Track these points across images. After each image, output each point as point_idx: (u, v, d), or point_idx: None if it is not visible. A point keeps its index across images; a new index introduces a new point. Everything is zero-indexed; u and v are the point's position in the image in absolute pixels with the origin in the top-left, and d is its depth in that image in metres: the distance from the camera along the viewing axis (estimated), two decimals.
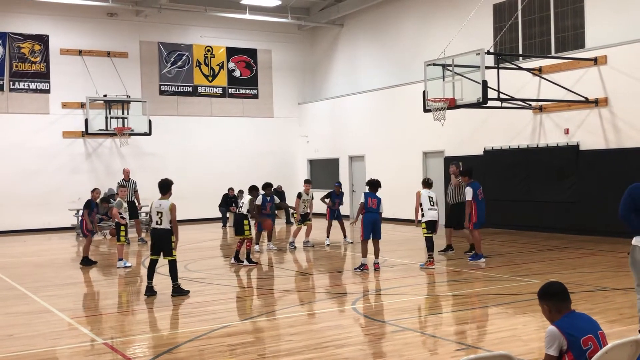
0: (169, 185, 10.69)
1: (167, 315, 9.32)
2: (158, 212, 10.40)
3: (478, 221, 13.43)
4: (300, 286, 11.42)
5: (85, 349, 7.63)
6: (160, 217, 10.39)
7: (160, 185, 10.71)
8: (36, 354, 7.33)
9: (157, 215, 10.41)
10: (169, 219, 10.37)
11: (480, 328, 7.90)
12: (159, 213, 10.39)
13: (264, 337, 7.89)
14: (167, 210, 10.35)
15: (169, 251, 10.46)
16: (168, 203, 10.43)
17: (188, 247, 17.37)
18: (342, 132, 25.92)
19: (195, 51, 26.23)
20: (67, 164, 23.64)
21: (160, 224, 10.41)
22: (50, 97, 23.68)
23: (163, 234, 10.41)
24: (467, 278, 11.71)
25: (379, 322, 8.40)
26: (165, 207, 10.38)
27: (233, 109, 26.89)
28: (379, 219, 12.55)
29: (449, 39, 16.64)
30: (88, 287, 12.34)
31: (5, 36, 23.02)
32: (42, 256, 16.82)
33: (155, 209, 10.46)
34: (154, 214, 10.51)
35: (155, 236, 10.64)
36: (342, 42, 26.90)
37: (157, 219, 10.42)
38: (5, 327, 8.81)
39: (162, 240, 10.43)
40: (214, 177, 24.92)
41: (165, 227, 10.38)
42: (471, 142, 19.98)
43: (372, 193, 12.59)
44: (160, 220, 10.39)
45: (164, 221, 10.38)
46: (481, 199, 13.62)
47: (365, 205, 12.45)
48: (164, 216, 10.37)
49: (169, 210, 10.35)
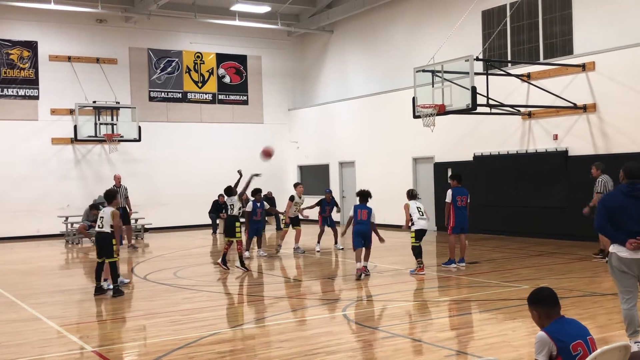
0: (114, 194, 11.71)
1: (157, 323, 9.27)
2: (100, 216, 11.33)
3: (456, 226, 13.40)
4: (290, 293, 11.40)
5: (74, 357, 7.58)
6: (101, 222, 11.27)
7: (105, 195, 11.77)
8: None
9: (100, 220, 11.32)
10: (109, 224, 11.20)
11: (470, 334, 7.92)
12: (101, 218, 11.30)
13: (254, 344, 7.86)
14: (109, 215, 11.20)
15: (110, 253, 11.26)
16: (109, 210, 11.28)
17: (178, 253, 17.32)
18: (332, 138, 25.94)
19: (184, 57, 26.20)
20: (56, 171, 23.53)
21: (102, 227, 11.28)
22: (39, 103, 23.58)
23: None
24: (457, 284, 11.73)
25: (370, 329, 8.40)
26: (107, 213, 11.24)
27: (223, 115, 26.85)
28: (368, 230, 12.39)
29: (438, 46, 16.71)
30: (77, 295, 12.25)
31: None
32: (30, 263, 16.72)
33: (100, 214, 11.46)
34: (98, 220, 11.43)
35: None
36: (331, 49, 26.96)
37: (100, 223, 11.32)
38: None
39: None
40: (204, 183, 24.85)
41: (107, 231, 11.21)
42: (461, 148, 20.05)
43: (362, 204, 12.54)
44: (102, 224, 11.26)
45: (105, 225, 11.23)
46: (461, 206, 13.64)
47: (355, 217, 12.40)
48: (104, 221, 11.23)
49: (110, 216, 11.19)
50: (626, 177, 6.68)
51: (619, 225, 6.55)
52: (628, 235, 6.48)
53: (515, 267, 13.32)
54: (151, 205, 23.70)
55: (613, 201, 6.68)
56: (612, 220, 6.60)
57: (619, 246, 6.57)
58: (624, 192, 6.62)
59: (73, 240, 20.68)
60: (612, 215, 6.60)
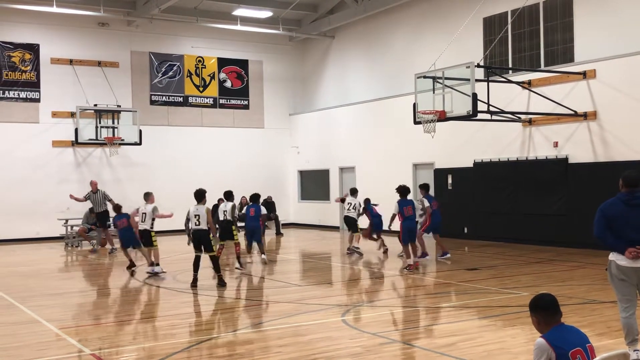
0: (203, 193, 12.60)
1: (156, 326, 9.27)
2: (195, 215, 12.25)
3: (431, 226, 14.72)
4: (289, 297, 11.39)
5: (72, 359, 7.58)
6: (198, 220, 12.21)
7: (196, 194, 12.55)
8: None
9: (195, 218, 12.24)
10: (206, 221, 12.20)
11: (469, 340, 7.91)
12: (196, 216, 12.23)
13: (253, 349, 7.86)
14: (204, 213, 12.19)
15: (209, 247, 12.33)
16: (204, 208, 12.28)
17: (177, 257, 17.30)
18: (332, 143, 25.96)
19: (186, 61, 26.24)
20: (56, 174, 23.53)
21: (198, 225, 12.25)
22: (41, 106, 23.60)
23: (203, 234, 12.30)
24: (456, 290, 11.72)
25: (369, 334, 8.39)
26: (202, 211, 12.22)
27: (224, 120, 26.88)
28: (414, 226, 13.41)
29: (439, 52, 16.73)
30: (76, 298, 12.25)
31: None
32: (30, 266, 16.71)
33: (193, 212, 12.33)
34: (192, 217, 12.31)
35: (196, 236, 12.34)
36: (333, 54, 27.00)
37: (196, 221, 12.23)
38: None
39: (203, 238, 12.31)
40: (204, 187, 24.79)
41: (204, 228, 12.23)
42: (461, 155, 20.06)
43: (405, 200, 13.00)
44: (198, 222, 12.21)
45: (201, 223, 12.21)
46: (436, 209, 15.08)
47: (402, 213, 13.08)
48: (201, 219, 12.18)
49: (205, 213, 12.19)
50: (625, 186, 6.69)
51: (619, 234, 6.56)
52: (628, 243, 6.49)
53: (515, 274, 13.31)
54: None
55: (613, 210, 6.67)
56: (611, 228, 6.60)
57: (618, 254, 6.58)
58: (624, 201, 6.63)
59: (73, 243, 20.68)
60: (612, 223, 6.60)
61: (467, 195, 19.88)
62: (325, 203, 26.04)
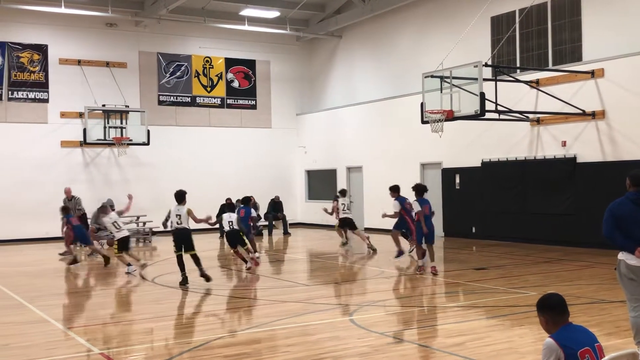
0: (184, 194, 12.68)
1: (164, 326, 9.30)
2: (177, 214, 12.41)
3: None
4: (297, 297, 11.40)
5: (81, 359, 7.61)
6: (179, 219, 12.40)
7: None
8: None
9: (177, 217, 12.42)
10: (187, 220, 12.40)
11: (477, 340, 7.90)
12: (178, 216, 12.40)
13: (260, 348, 7.87)
14: (185, 213, 12.36)
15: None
16: (185, 208, 12.44)
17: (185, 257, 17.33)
18: (339, 143, 25.95)
19: (194, 62, 26.28)
20: (65, 174, 23.59)
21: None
22: (49, 106, 23.70)
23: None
24: (464, 290, 11.71)
25: (377, 334, 8.39)
26: (183, 211, 12.40)
27: (231, 120, 26.92)
28: (432, 226, 13.26)
29: (447, 51, 16.71)
30: (84, 297, 12.30)
31: (5, 45, 23.06)
32: (38, 266, 16.79)
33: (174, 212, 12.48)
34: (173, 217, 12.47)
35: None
36: (340, 54, 26.99)
37: (177, 220, 12.42)
38: (1, 336, 8.78)
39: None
40: (212, 187, 24.89)
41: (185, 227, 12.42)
42: (469, 154, 20.02)
43: (423, 199, 12.99)
44: (180, 221, 12.40)
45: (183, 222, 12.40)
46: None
47: (423, 212, 13.06)
48: (182, 218, 12.38)
49: (186, 213, 12.38)
50: (633, 185, 6.67)
51: (628, 233, 6.54)
52: (637, 243, 6.47)
53: (523, 273, 13.28)
54: (159, 208, 23.63)
55: (621, 209, 6.65)
56: (620, 228, 6.58)
57: (628, 254, 6.56)
58: (632, 200, 6.61)
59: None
60: (621, 223, 6.58)
61: (475, 195, 19.84)
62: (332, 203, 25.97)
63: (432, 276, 12.62)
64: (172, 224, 12.52)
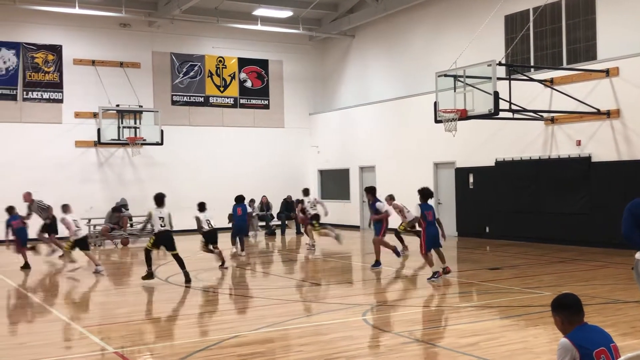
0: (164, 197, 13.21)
1: (178, 325, 9.33)
2: (160, 217, 12.79)
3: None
4: (310, 297, 11.41)
5: (96, 358, 7.65)
6: (163, 221, 12.75)
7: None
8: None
9: (161, 220, 12.76)
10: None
11: (491, 340, 7.86)
12: (161, 218, 12.76)
13: (274, 348, 7.88)
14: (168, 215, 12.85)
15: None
16: (166, 210, 12.91)
17: (198, 256, 17.40)
18: (352, 142, 25.93)
19: (207, 62, 26.36)
20: (79, 173, 23.74)
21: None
22: (63, 106, 23.85)
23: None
24: (478, 290, 11.66)
25: (390, 334, 8.38)
26: (166, 213, 12.85)
27: (244, 120, 26.98)
28: (438, 232, 12.55)
29: (460, 50, 16.65)
30: (99, 296, 12.36)
31: (19, 46, 23.23)
32: (53, 265, 16.88)
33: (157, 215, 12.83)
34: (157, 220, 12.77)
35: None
36: (353, 53, 26.97)
37: (161, 222, 12.74)
38: (17, 335, 8.86)
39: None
40: (225, 187, 24.94)
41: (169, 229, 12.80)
42: (482, 153, 19.95)
43: (426, 204, 12.48)
44: (163, 223, 12.73)
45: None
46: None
47: (426, 218, 12.30)
48: (166, 220, 12.79)
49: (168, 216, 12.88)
50: None
51: None
52: None
53: (537, 273, 13.21)
54: (172, 208, 23.55)
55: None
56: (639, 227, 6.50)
57: None
58: None
59: (95, 243, 20.85)
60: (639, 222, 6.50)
61: (489, 195, 19.76)
62: (345, 202, 26.03)
63: (446, 275, 12.55)
64: (154, 227, 12.96)
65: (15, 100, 23.17)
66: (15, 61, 23.17)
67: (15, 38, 23.23)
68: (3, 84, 22.99)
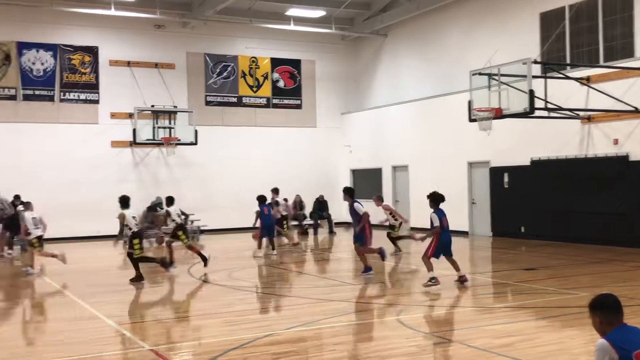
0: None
1: (213, 323, 9.40)
2: (133, 217, 13.35)
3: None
4: (343, 296, 11.40)
5: (131, 355, 7.75)
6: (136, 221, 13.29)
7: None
8: (84, 359, 7.47)
9: (134, 219, 13.29)
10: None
11: (526, 341, 7.77)
12: (134, 217, 13.37)
13: (307, 347, 7.90)
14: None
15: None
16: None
17: (231, 255, 17.54)
18: (385, 142, 25.85)
19: (240, 62, 26.52)
20: (115, 173, 24.06)
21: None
22: (100, 107, 24.21)
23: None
24: (513, 290, 11.54)
25: (424, 334, 8.33)
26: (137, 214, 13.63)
27: (277, 119, 27.09)
28: (451, 239, 11.83)
29: (494, 49, 16.50)
30: (135, 294, 12.51)
31: (56, 48, 23.63)
32: (90, 263, 17.15)
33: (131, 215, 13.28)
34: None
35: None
36: (385, 52, 26.89)
37: (135, 222, 13.25)
38: (55, 332, 9.01)
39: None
40: (258, 186, 25.03)
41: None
42: (517, 152, 19.72)
43: (441, 210, 11.88)
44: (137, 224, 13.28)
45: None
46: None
47: (441, 224, 11.59)
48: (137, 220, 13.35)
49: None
50: None
51: None
52: None
53: (573, 274, 13.03)
54: (206, 207, 24.05)
55: None
56: None
57: None
58: None
59: None
60: None
61: (524, 194, 19.53)
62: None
63: (464, 283, 12.02)
64: (131, 228, 13.16)
65: (53, 102, 23.59)
66: (52, 63, 23.58)
67: (53, 40, 23.63)
68: (41, 85, 23.42)
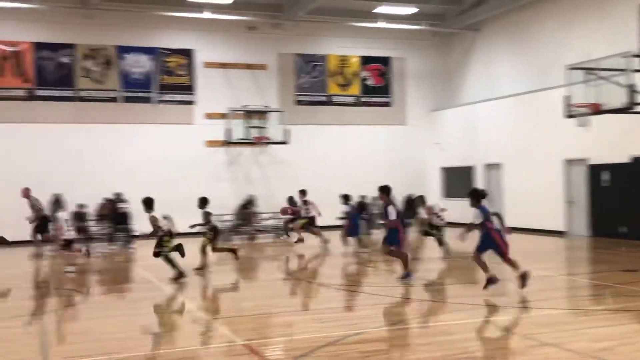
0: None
1: (303, 320, 9.51)
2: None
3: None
4: (434, 296, 11.28)
5: (224, 349, 7.94)
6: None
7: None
8: (176, 352, 7.73)
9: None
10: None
11: (628, 345, 7.45)
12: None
13: (396, 346, 7.87)
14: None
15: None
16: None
17: (318, 252, 17.65)
18: (477, 139, 25.35)
19: (329, 61, 26.68)
20: (210, 172, 24.70)
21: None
22: (195, 108, 24.96)
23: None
24: (613, 292, 11.09)
25: (517, 335, 8.14)
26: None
27: (366, 118, 27.07)
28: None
29: (591, 42, 15.89)
30: (228, 290, 12.82)
31: (155, 51, 24.53)
32: (184, 258, 17.64)
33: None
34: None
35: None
36: (477, 48, 26.37)
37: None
38: (149, 326, 9.35)
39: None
40: (346, 185, 25.07)
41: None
42: (617, 150, 18.90)
43: (484, 206, 11.51)
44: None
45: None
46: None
47: (491, 222, 11.26)
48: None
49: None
50: None
51: None
52: None
53: None
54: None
55: None
56: None
57: None
58: None
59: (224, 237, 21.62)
60: None
61: (625, 193, 18.71)
62: None
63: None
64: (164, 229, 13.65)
65: (151, 103, 24.50)
66: (149, 65, 24.48)
67: (151, 43, 24.53)
68: (140, 87, 24.38)
